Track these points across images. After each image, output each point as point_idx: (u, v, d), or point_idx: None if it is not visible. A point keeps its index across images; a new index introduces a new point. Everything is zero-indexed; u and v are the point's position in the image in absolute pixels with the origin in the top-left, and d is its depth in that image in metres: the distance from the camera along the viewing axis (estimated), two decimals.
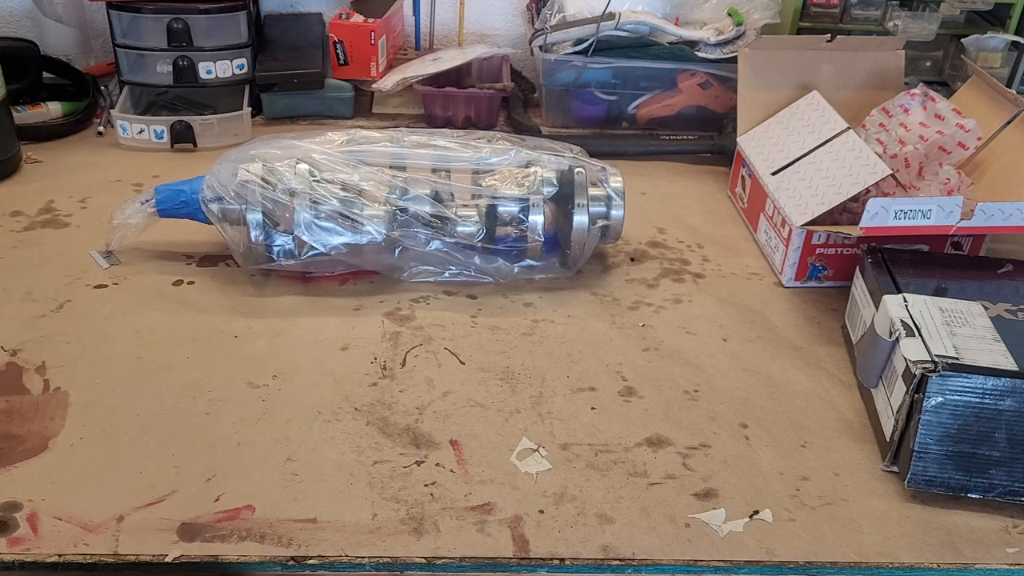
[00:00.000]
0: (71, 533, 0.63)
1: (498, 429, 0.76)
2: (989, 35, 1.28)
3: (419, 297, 0.93)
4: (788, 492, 0.71)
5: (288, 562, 0.63)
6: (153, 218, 0.93)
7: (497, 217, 0.93)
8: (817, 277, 0.98)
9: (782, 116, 1.09)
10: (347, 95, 1.31)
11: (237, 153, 0.92)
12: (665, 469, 0.73)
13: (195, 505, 0.66)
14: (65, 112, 1.24)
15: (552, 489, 0.70)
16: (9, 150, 1.12)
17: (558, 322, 0.90)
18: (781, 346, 0.89)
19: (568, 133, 1.30)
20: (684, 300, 0.95)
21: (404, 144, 0.94)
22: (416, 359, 0.83)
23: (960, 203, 0.84)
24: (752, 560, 0.65)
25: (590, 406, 0.79)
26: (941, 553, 0.67)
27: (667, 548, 0.66)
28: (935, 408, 0.69)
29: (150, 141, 1.20)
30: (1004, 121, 1.01)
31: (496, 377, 0.82)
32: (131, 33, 1.22)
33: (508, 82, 1.32)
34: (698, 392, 0.82)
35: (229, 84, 1.25)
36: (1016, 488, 0.70)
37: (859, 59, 1.12)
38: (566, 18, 1.27)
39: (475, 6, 1.44)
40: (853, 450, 0.76)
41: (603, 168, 0.96)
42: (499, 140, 0.97)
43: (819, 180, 0.97)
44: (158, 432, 0.73)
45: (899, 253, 0.87)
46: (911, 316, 0.75)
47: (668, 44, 1.28)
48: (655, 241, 1.06)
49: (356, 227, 0.89)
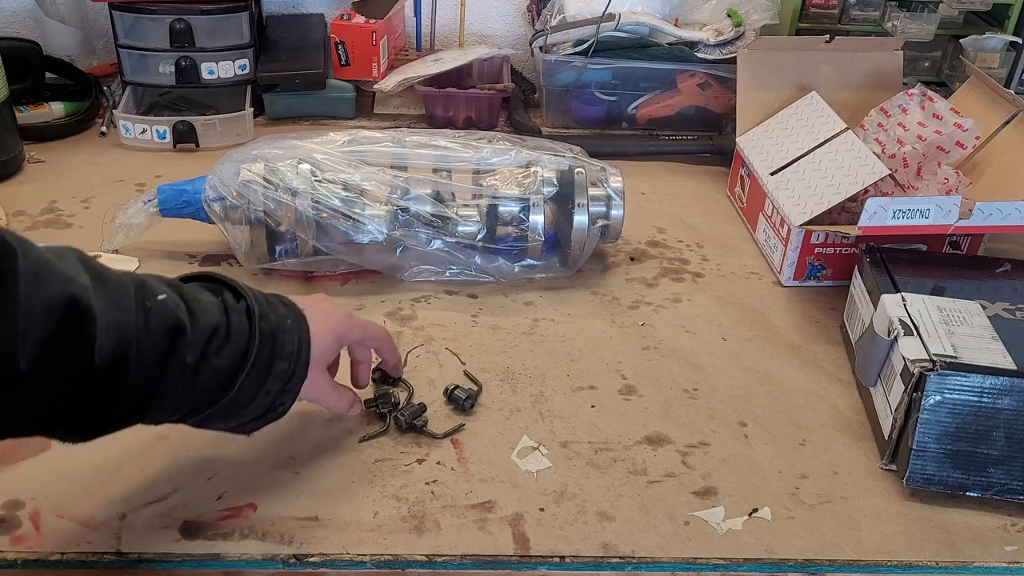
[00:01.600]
0: (74, 531, 0.64)
1: (499, 428, 0.76)
2: (987, 35, 1.29)
3: (420, 296, 0.93)
4: (787, 490, 0.72)
5: (290, 560, 0.63)
6: (155, 218, 0.93)
7: (498, 217, 0.93)
8: (816, 276, 0.98)
9: (781, 116, 1.09)
10: (349, 95, 1.31)
11: (239, 153, 0.92)
12: (665, 467, 0.73)
13: (197, 503, 0.67)
14: (68, 112, 1.25)
15: (552, 487, 0.71)
16: (12, 150, 1.12)
17: (558, 321, 0.91)
18: (780, 345, 0.89)
19: (568, 133, 1.31)
20: (683, 299, 0.96)
21: (405, 144, 0.95)
22: (417, 359, 0.84)
23: (958, 203, 0.84)
24: (751, 558, 0.66)
25: (590, 404, 0.80)
26: (939, 551, 0.67)
27: (667, 546, 0.66)
28: (933, 407, 0.69)
29: (152, 141, 1.20)
30: (1002, 121, 1.02)
31: (497, 376, 0.82)
32: (133, 33, 1.23)
33: (509, 83, 1.32)
34: (697, 391, 0.82)
35: (231, 84, 1.25)
36: (1014, 486, 0.70)
37: (858, 60, 1.12)
38: (566, 19, 1.27)
39: (476, 7, 1.45)
40: (852, 448, 0.77)
41: (603, 168, 0.97)
42: (500, 140, 0.97)
43: (818, 180, 0.97)
44: (160, 430, 0.73)
45: (897, 252, 0.87)
46: (909, 315, 0.75)
47: (668, 45, 1.28)
48: (655, 241, 1.07)
49: (358, 227, 0.89)
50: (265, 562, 0.63)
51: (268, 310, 0.62)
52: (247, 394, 0.60)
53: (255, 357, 0.60)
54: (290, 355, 0.63)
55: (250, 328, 0.60)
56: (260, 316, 0.61)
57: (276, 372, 0.62)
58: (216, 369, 0.58)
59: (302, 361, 0.64)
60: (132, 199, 0.94)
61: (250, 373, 0.60)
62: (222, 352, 0.58)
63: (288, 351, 0.63)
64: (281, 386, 0.63)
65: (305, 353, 0.64)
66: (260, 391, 0.61)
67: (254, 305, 0.61)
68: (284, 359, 0.62)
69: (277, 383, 0.62)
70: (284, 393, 0.63)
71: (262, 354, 0.60)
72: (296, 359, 0.63)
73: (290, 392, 0.64)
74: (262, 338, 0.60)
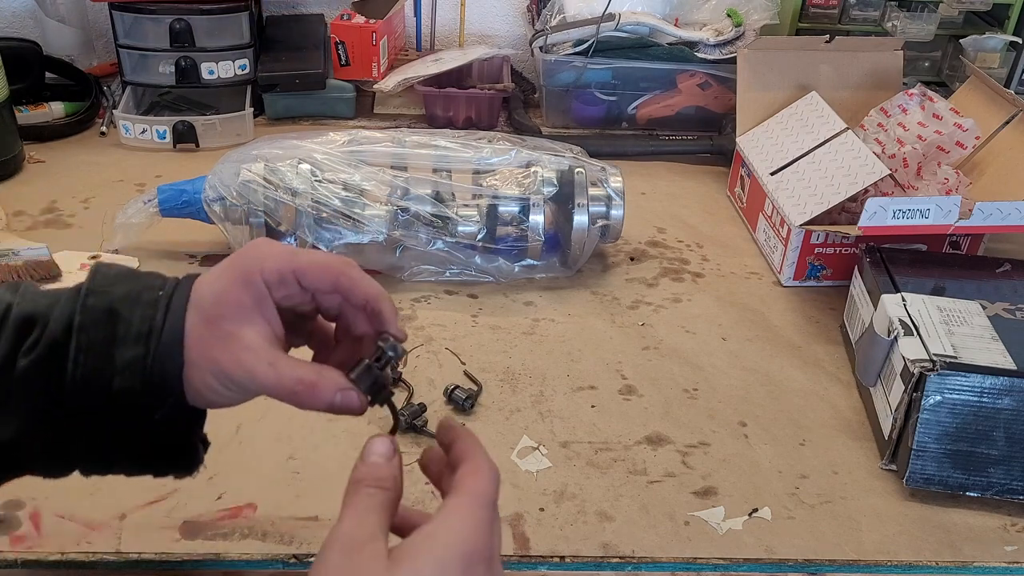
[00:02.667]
0: (73, 531, 0.64)
1: (499, 428, 0.76)
2: (987, 35, 1.29)
3: (420, 296, 0.93)
4: (787, 490, 0.72)
5: (290, 560, 0.63)
6: (155, 218, 0.93)
7: (498, 217, 0.93)
8: (816, 276, 0.98)
9: (781, 116, 1.09)
10: (349, 95, 1.31)
11: (239, 153, 0.92)
12: (665, 467, 0.73)
13: (197, 503, 0.67)
14: (68, 112, 1.25)
15: (552, 487, 0.71)
16: (12, 150, 1.12)
17: (558, 321, 0.91)
18: (780, 345, 0.89)
19: (568, 133, 1.31)
20: (683, 299, 0.96)
21: (405, 144, 0.95)
22: (417, 359, 0.84)
23: (958, 203, 0.84)
24: (751, 558, 0.66)
25: (590, 404, 0.80)
26: (939, 551, 0.67)
27: (666, 546, 0.66)
28: (933, 407, 0.69)
29: (152, 141, 1.20)
30: (1002, 121, 1.02)
31: (497, 376, 0.82)
32: (133, 33, 1.23)
33: (509, 83, 1.32)
34: (697, 391, 0.82)
35: (231, 84, 1.25)
36: (1014, 486, 0.70)
37: (858, 60, 1.12)
38: (566, 19, 1.27)
39: (476, 7, 1.45)
40: (852, 448, 0.77)
41: (603, 168, 0.97)
42: (500, 140, 0.97)
43: (818, 180, 0.97)
44: None
45: (897, 252, 0.87)
46: (909, 315, 0.75)
47: (668, 45, 1.28)
48: (655, 241, 1.07)
49: (358, 227, 0.89)
50: (265, 562, 0.63)
51: (110, 284, 0.45)
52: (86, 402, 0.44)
53: (76, 344, 0.43)
54: (142, 336, 0.44)
55: (72, 307, 0.44)
56: (87, 292, 0.45)
57: (121, 362, 0.44)
58: (25, 372, 0.43)
59: (167, 339, 0.44)
60: (132, 199, 0.94)
61: (74, 370, 0.43)
62: (36, 347, 0.43)
63: (139, 331, 0.44)
64: (140, 381, 0.44)
65: (175, 326, 0.44)
66: (105, 395, 0.44)
67: (87, 283, 0.45)
68: (131, 342, 0.44)
69: (128, 378, 0.44)
70: (150, 394, 0.44)
71: (91, 339, 0.43)
72: (154, 338, 0.44)
73: (160, 388, 0.44)
74: (86, 318, 0.44)
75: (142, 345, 0.44)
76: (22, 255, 0.91)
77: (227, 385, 0.45)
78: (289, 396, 0.45)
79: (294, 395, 0.45)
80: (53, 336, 0.43)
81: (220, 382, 0.45)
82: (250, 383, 0.45)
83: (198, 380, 0.45)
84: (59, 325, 0.44)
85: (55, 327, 0.44)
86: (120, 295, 0.45)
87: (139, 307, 0.44)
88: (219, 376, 0.44)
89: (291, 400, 0.46)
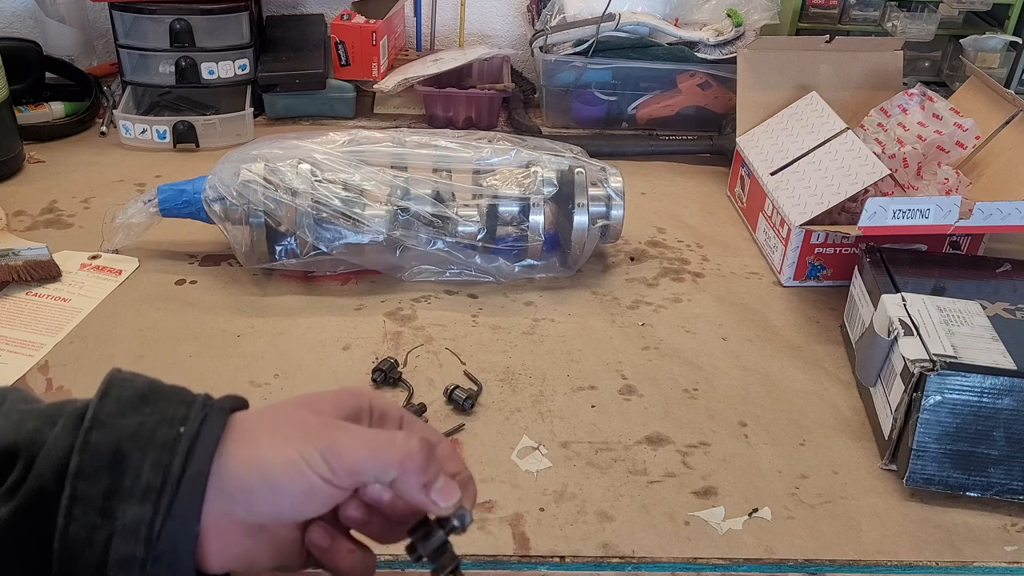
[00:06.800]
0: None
1: (499, 428, 0.76)
2: (987, 35, 1.29)
3: (420, 296, 0.93)
4: (787, 490, 0.72)
5: None
6: (155, 217, 0.93)
7: (498, 217, 0.93)
8: (816, 276, 0.98)
9: (781, 116, 1.09)
10: (349, 95, 1.31)
11: (239, 153, 0.92)
12: (665, 467, 0.73)
13: None
14: (68, 112, 1.25)
15: (552, 487, 0.71)
16: (12, 150, 1.12)
17: (558, 321, 0.91)
18: (780, 345, 0.89)
19: (568, 133, 1.31)
20: (683, 299, 0.96)
21: (405, 144, 0.95)
22: (417, 359, 0.84)
23: (958, 202, 0.84)
24: (751, 558, 0.66)
25: (590, 404, 0.80)
26: (940, 551, 0.67)
27: (667, 546, 0.66)
28: (934, 407, 0.69)
29: (153, 141, 1.20)
30: (1002, 121, 1.02)
31: (497, 376, 0.82)
32: (133, 33, 1.23)
33: (509, 83, 1.32)
34: (697, 391, 0.82)
35: (231, 84, 1.25)
36: (1014, 486, 0.70)
37: (858, 60, 1.12)
38: (566, 19, 1.27)
39: (476, 7, 1.45)
40: (852, 448, 0.77)
41: (603, 168, 0.97)
42: (500, 140, 0.97)
43: (818, 180, 0.97)
44: None
45: (897, 252, 0.87)
46: (909, 315, 0.75)
47: (668, 45, 1.28)
48: (655, 241, 1.07)
49: (358, 227, 0.89)
50: None
51: (122, 411, 0.36)
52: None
53: (71, 492, 0.34)
54: (151, 490, 0.34)
55: (72, 442, 0.35)
56: (93, 422, 0.35)
57: (123, 523, 0.34)
58: (3, 522, 0.34)
59: (185, 495, 0.35)
60: (132, 199, 0.94)
61: (67, 527, 0.34)
62: (17, 491, 0.34)
63: (147, 483, 0.34)
64: (143, 548, 0.34)
65: (195, 483, 0.35)
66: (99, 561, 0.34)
67: (90, 406, 0.36)
68: (137, 496, 0.34)
69: (131, 545, 0.34)
70: (156, 564, 0.34)
71: (88, 488, 0.34)
72: (166, 494, 0.34)
73: (169, 559, 0.34)
74: (88, 457, 0.34)
75: (150, 503, 0.34)
76: (22, 255, 0.91)
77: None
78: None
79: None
80: (41, 479, 0.34)
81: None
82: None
83: (219, 548, 0.36)
84: (50, 465, 0.34)
85: (44, 467, 0.34)
86: (130, 431, 0.35)
87: (152, 449, 0.35)
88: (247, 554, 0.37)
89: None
